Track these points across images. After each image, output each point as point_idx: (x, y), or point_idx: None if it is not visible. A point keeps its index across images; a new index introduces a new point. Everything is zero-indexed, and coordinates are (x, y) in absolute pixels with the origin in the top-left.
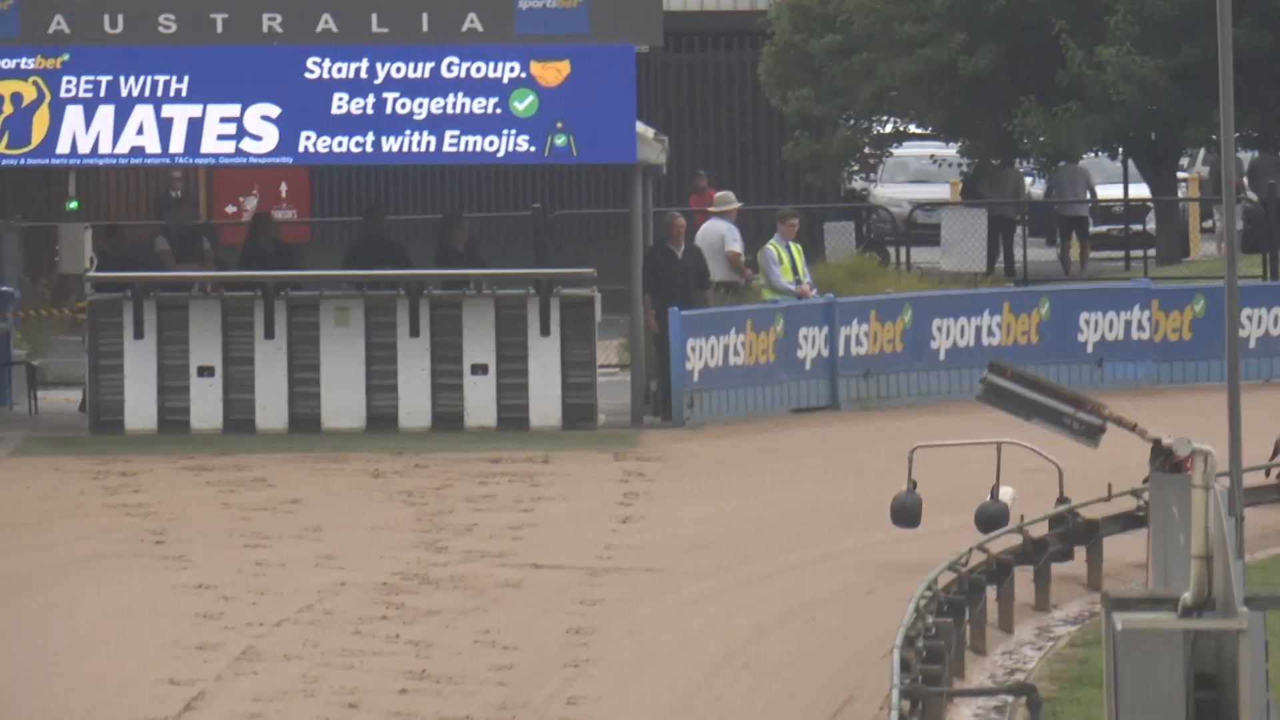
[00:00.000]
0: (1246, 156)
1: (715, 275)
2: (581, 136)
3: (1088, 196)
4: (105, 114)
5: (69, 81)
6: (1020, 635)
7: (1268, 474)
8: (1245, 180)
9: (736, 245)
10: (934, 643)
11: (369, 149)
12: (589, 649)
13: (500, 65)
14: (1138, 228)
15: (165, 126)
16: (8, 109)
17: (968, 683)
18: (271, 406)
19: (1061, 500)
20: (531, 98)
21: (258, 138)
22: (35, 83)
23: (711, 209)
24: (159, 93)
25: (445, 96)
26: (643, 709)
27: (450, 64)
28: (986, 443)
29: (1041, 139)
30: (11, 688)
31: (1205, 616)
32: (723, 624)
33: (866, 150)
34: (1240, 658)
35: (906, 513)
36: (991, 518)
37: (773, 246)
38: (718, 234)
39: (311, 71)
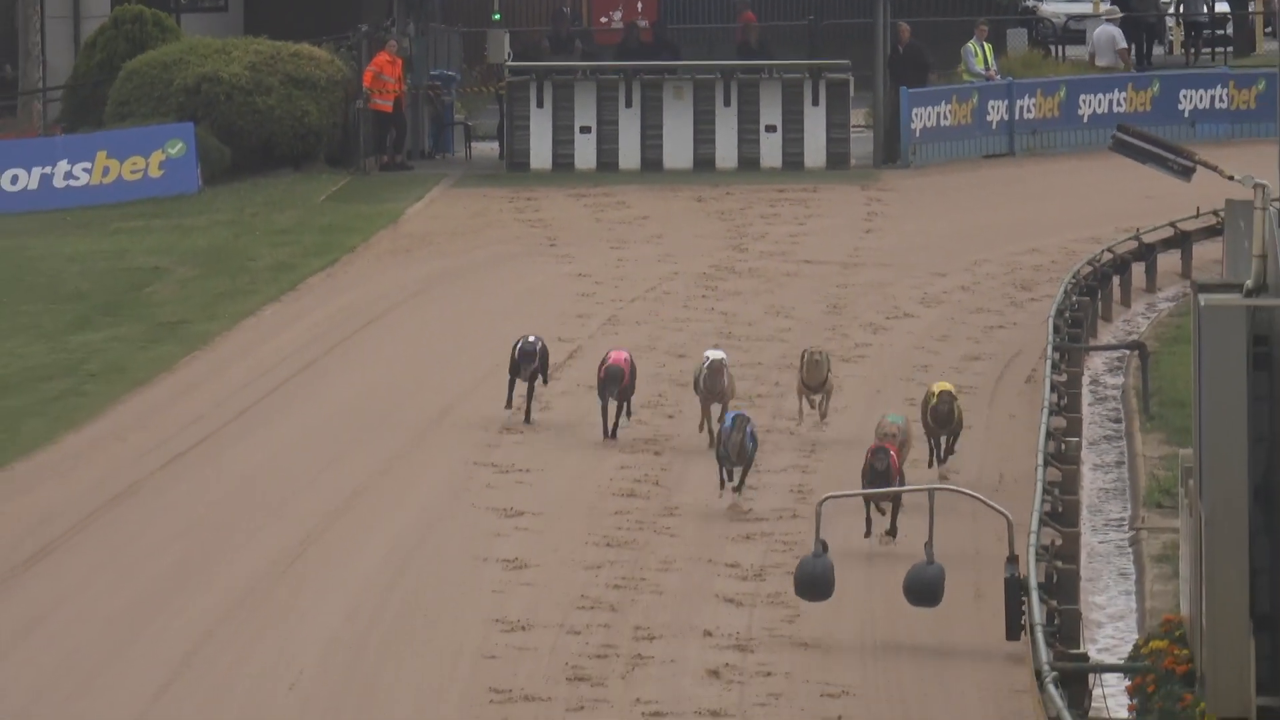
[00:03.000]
0: None
1: (1104, 61)
2: None
3: (1204, 10)
4: None
5: None
6: (1135, 309)
7: None
8: None
9: (1123, 43)
10: (1076, 314)
11: None
12: (841, 316)
13: None
14: (1222, 32)
15: None
16: None
17: (1099, 341)
18: (629, 153)
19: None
20: None
21: None
22: None
23: (1104, 16)
24: None
25: None
26: (887, 347)
27: None
28: (914, 489)
29: None
30: (448, 343)
31: (1260, 296)
32: (935, 296)
33: None
34: None
35: (817, 583)
36: (926, 586)
37: (971, 45)
38: (1109, 35)
39: None
